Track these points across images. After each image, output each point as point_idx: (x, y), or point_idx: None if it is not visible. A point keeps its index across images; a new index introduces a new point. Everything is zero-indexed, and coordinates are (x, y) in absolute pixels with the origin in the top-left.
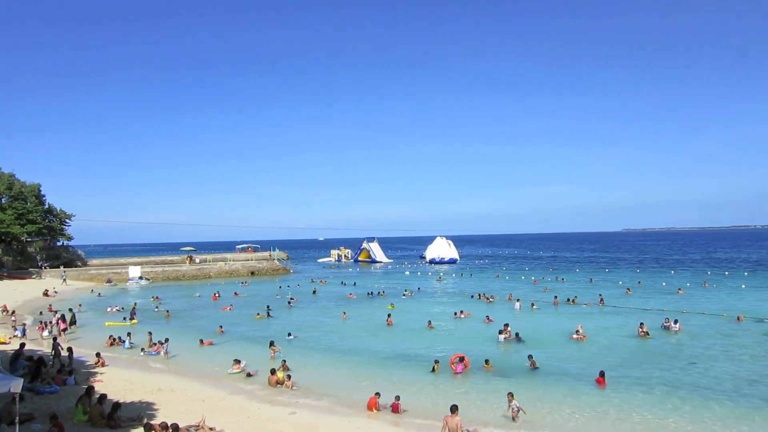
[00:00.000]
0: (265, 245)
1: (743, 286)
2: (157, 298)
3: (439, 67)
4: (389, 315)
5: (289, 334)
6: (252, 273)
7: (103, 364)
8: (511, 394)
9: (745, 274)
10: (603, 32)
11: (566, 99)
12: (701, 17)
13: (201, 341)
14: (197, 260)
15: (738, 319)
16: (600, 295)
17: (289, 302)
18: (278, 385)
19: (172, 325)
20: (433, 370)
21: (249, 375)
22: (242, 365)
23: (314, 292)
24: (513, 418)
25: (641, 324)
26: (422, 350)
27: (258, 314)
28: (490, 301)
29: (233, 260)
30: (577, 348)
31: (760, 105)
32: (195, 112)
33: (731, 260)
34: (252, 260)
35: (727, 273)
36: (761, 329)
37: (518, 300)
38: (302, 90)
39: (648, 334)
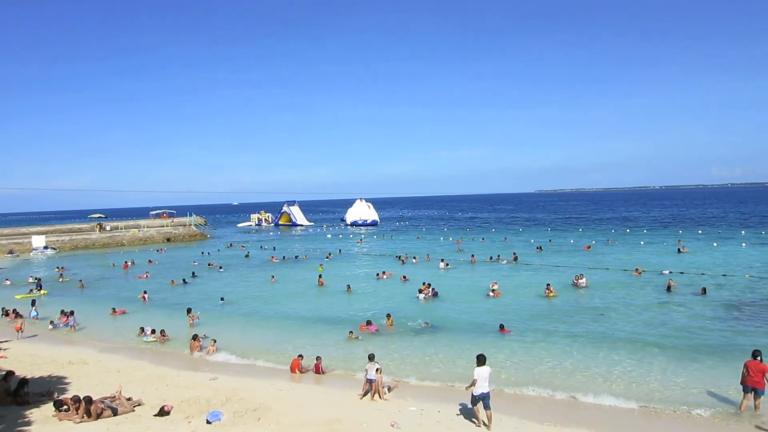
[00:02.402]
0: (181, 211)
1: (642, 243)
2: (62, 268)
3: (361, 33)
4: (320, 276)
5: (222, 299)
6: (168, 239)
7: (19, 329)
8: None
9: (645, 231)
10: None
11: (483, 64)
12: None
13: (113, 310)
14: (108, 228)
15: (636, 271)
16: (514, 253)
17: (209, 265)
18: (199, 352)
19: (86, 295)
20: (352, 334)
21: (165, 341)
22: (157, 333)
23: (247, 255)
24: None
25: (548, 285)
26: (345, 312)
27: (173, 281)
28: (414, 262)
29: (147, 227)
30: (491, 303)
31: (660, 73)
32: (102, 66)
33: (632, 219)
34: (167, 226)
35: (628, 231)
36: (657, 281)
37: (442, 260)
38: (219, 52)
39: (552, 293)
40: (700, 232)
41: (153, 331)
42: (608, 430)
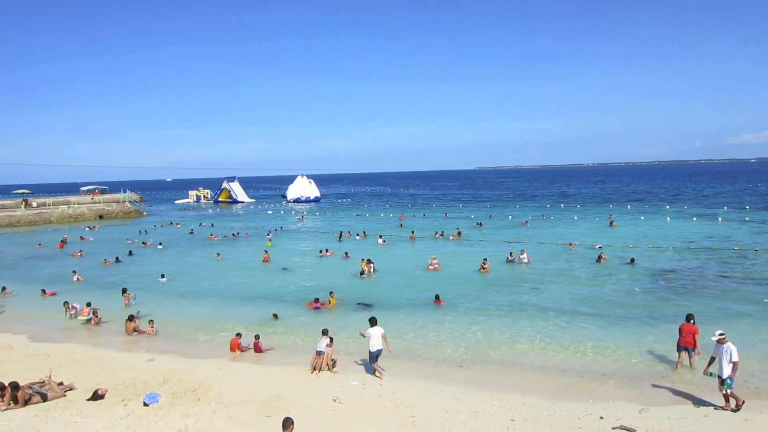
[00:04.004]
0: (114, 187)
1: (575, 218)
2: None
3: (304, 8)
4: (266, 251)
5: (163, 276)
6: (101, 217)
7: None
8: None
9: (578, 206)
10: None
11: (424, 39)
12: None
13: (43, 292)
14: (35, 204)
15: (570, 245)
16: (458, 228)
17: (144, 243)
18: (135, 333)
19: (11, 276)
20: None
21: (99, 322)
22: (83, 306)
23: (191, 232)
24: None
25: (484, 260)
26: (287, 289)
27: (106, 260)
28: (358, 239)
29: (78, 203)
30: (431, 278)
31: (591, 56)
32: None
33: (567, 195)
34: (100, 203)
35: (563, 206)
36: (590, 254)
37: (380, 236)
38: (154, 26)
39: (486, 269)
40: (629, 207)
41: (88, 305)
42: (544, 395)
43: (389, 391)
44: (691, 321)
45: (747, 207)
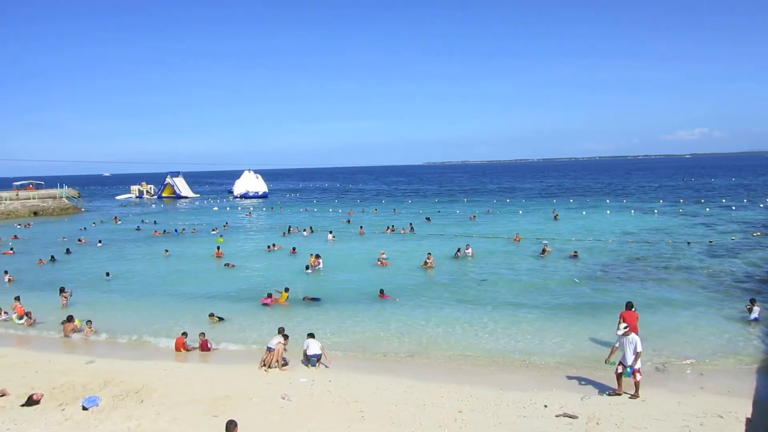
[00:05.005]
0: (50, 182)
1: (521, 212)
2: None
3: (255, 2)
4: (218, 247)
5: (107, 274)
6: (35, 213)
7: None
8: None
9: (523, 201)
10: None
11: (374, 35)
12: None
13: None
14: None
15: (516, 239)
16: (410, 223)
17: (79, 240)
18: (74, 334)
19: None
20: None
21: (33, 324)
22: (21, 306)
23: (138, 229)
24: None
25: (428, 254)
26: (234, 286)
27: (40, 260)
28: (305, 235)
29: (9, 199)
30: (379, 272)
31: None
32: None
33: (513, 189)
34: (34, 198)
35: (509, 201)
36: (534, 247)
37: (330, 232)
38: (90, 7)
39: (430, 264)
40: (571, 201)
41: (17, 299)
42: (491, 385)
43: (338, 386)
44: (632, 309)
45: (681, 200)
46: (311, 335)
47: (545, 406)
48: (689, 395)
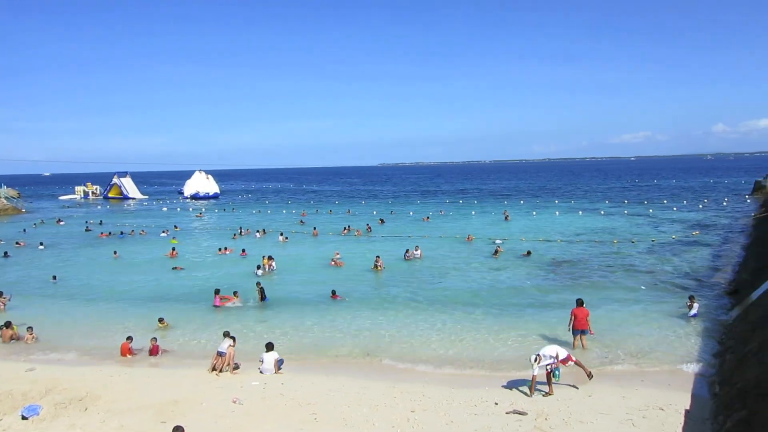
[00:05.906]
0: None
1: (473, 213)
2: None
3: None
4: (173, 248)
5: (54, 278)
6: None
7: None
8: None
9: (475, 202)
10: None
11: (329, 35)
12: None
13: None
14: None
15: (468, 239)
16: (368, 224)
17: (17, 243)
18: (12, 340)
19: None
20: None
21: None
22: None
23: (87, 230)
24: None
25: (377, 257)
26: (185, 289)
27: None
28: (257, 237)
29: None
30: (332, 273)
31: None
32: None
33: (465, 191)
34: None
35: (461, 202)
36: (486, 248)
37: (281, 233)
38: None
39: (378, 267)
40: (522, 202)
41: None
42: (443, 384)
43: (291, 389)
44: (582, 305)
45: (626, 201)
46: (270, 347)
47: (496, 404)
48: (632, 389)
